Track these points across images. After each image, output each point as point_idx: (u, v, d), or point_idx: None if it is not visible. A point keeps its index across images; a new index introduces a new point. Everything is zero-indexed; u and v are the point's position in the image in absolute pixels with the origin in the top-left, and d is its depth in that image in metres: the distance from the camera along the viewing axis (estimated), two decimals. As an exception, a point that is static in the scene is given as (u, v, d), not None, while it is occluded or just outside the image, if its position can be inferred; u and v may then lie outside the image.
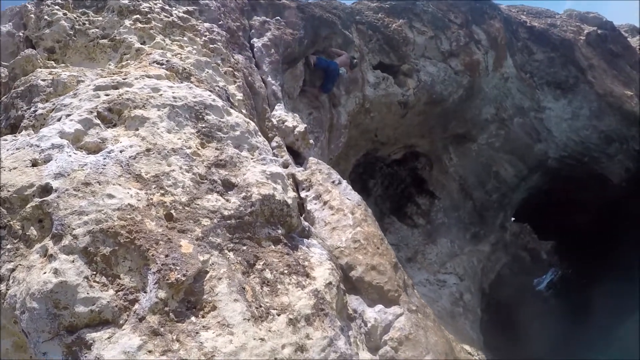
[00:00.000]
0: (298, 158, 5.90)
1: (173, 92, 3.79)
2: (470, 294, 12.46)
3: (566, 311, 13.63)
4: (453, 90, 11.98)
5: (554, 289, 17.40)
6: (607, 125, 14.59)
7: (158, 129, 3.41)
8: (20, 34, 5.65)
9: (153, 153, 3.21)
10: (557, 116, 14.45)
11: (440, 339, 4.76)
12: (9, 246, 2.77)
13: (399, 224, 12.66)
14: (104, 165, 2.98)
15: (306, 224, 4.05)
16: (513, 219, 16.19)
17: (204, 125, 3.67)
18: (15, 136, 3.67)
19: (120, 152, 3.13)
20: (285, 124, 6.02)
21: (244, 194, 3.36)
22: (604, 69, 14.90)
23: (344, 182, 5.44)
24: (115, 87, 3.82)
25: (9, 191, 2.90)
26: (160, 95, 3.72)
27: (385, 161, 12.79)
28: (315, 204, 5.03)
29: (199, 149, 3.48)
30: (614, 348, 12.35)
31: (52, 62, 5.24)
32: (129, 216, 2.72)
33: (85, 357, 2.33)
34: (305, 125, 6.15)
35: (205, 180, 3.28)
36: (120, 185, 2.89)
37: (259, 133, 4.14)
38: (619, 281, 13.65)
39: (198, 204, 3.07)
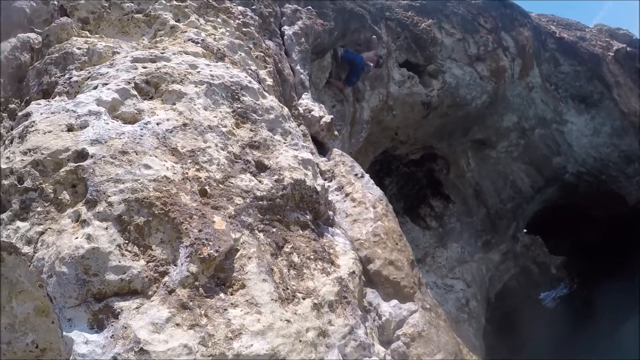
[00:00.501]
0: (321, 148, 5.89)
1: (210, 70, 3.78)
2: (476, 302, 12.42)
3: (572, 327, 13.51)
4: (477, 95, 11.91)
5: (560, 304, 17.27)
6: (628, 145, 14.44)
7: (195, 105, 3.41)
8: (55, 2, 5.66)
9: (189, 128, 3.21)
10: (578, 130, 14.32)
11: (451, 340, 4.75)
12: (39, 209, 2.76)
13: (412, 224, 12.64)
14: (141, 136, 2.98)
15: (331, 213, 4.05)
16: (525, 230, 16.08)
17: (239, 106, 3.67)
18: (48, 101, 3.67)
19: (157, 124, 3.12)
20: (312, 113, 6.01)
21: (276, 176, 3.35)
22: (630, 87, 14.74)
23: (367, 176, 5.43)
24: (153, 61, 3.81)
25: (42, 154, 2.90)
26: (198, 72, 3.72)
27: (403, 160, 12.75)
28: (337, 195, 5.02)
29: (234, 129, 3.47)
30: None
31: (86, 32, 5.24)
32: (164, 188, 2.72)
33: (112, 325, 2.31)
34: (332, 116, 6.14)
35: (240, 160, 3.27)
36: (156, 157, 2.89)
37: (292, 118, 4.13)
38: (626, 301, 13.54)
39: (232, 183, 3.07)
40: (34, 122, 3.16)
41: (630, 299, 13.67)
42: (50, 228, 2.69)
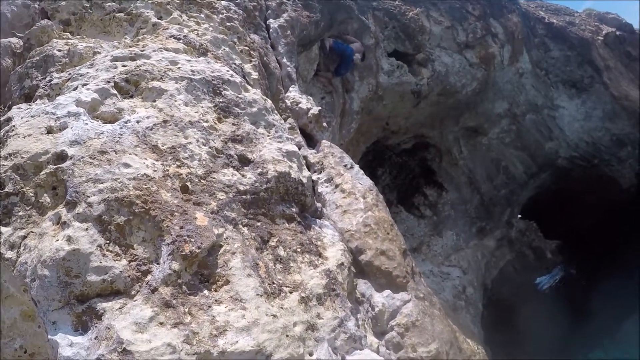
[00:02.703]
0: (310, 141, 5.86)
1: (191, 66, 3.75)
2: (472, 288, 12.45)
3: (568, 311, 13.57)
4: (467, 83, 11.88)
5: (556, 289, 17.35)
6: (620, 128, 14.46)
7: (175, 101, 3.38)
8: (36, 5, 5.60)
9: (170, 125, 3.18)
10: (570, 115, 14.33)
11: (446, 328, 4.75)
12: (21, 213, 2.73)
13: (406, 214, 12.63)
14: (121, 135, 2.95)
15: (319, 204, 4.03)
16: (520, 216, 16.10)
17: (221, 100, 3.64)
18: (29, 105, 3.64)
19: (137, 122, 3.09)
20: (299, 105, 5.97)
21: (259, 170, 3.33)
22: (620, 71, 14.75)
23: (356, 167, 5.40)
24: (133, 59, 3.77)
25: (22, 158, 2.87)
26: (178, 68, 3.68)
27: (395, 150, 12.71)
28: (327, 186, 4.99)
29: (215, 123, 3.45)
30: (615, 348, 12.33)
31: (68, 34, 5.19)
32: (144, 186, 2.69)
33: (96, 326, 2.30)
34: (319, 108, 6.10)
35: (222, 155, 3.25)
36: (136, 155, 2.86)
37: (275, 111, 4.10)
38: (622, 283, 13.60)
39: (214, 178, 3.05)
40: (14, 126, 3.14)
41: (627, 281, 13.74)
42: (32, 232, 2.67)
